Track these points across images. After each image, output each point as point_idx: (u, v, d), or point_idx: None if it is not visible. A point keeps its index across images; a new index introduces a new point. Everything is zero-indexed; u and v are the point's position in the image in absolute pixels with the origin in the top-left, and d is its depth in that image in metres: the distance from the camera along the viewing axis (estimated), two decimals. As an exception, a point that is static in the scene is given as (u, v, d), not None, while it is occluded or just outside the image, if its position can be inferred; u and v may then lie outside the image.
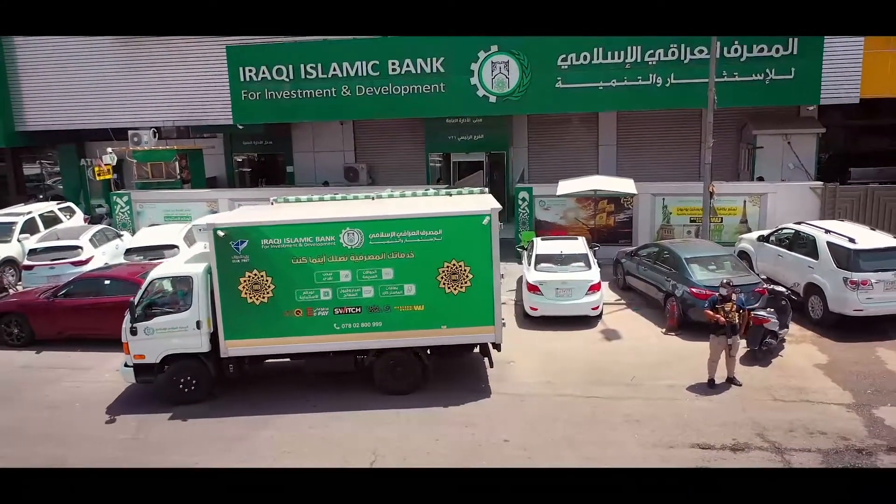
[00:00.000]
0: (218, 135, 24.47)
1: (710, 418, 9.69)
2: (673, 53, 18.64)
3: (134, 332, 10.65)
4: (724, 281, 11.09)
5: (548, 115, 21.90)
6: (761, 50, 18.26)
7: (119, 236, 18.29)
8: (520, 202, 18.58)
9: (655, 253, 14.64)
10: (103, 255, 16.80)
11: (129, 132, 21.04)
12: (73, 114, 22.17)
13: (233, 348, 10.73)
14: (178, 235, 16.41)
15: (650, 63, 18.76)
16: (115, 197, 20.32)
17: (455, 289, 10.63)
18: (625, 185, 17.00)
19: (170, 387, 10.82)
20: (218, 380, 10.98)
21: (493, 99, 19.56)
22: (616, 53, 18.86)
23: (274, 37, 20.16)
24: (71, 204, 20.77)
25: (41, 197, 26.00)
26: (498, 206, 10.82)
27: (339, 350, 10.85)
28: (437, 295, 10.64)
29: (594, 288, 13.56)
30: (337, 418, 10.24)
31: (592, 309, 13.64)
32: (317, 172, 24.36)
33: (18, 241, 17.73)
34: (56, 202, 20.56)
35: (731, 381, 10.73)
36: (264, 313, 10.60)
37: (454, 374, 11.42)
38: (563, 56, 19.05)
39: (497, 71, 19.41)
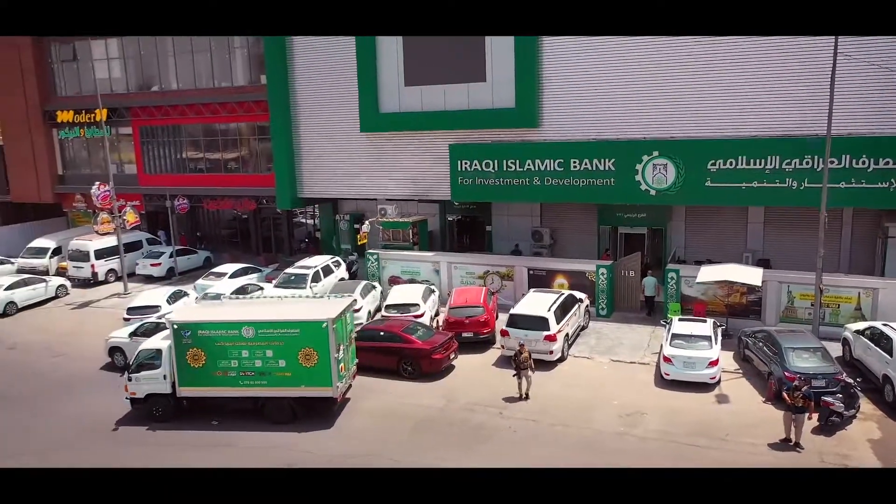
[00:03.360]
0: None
1: (770, 469, 14.64)
2: (807, 163, 22.71)
3: (130, 379, 17.86)
4: (801, 377, 15.90)
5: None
6: (887, 163, 21.83)
7: (374, 287, 26.09)
8: (669, 280, 23.68)
9: (766, 336, 19.16)
10: (369, 304, 24.65)
11: (378, 206, 29.00)
12: (339, 186, 30.70)
13: (184, 392, 17.68)
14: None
15: (786, 170, 23.03)
16: (369, 255, 28.26)
17: (308, 363, 17.01)
18: (753, 276, 21.56)
19: (148, 412, 17.98)
20: (178, 410, 17.85)
21: (653, 193, 24.88)
22: (757, 161, 23.32)
23: (487, 137, 27.06)
24: (339, 258, 29.17)
25: (307, 241, 35.18)
26: (335, 315, 16.93)
27: (243, 396, 17.59)
28: (298, 367, 17.05)
29: (713, 363, 18.57)
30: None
31: (711, 378, 18.62)
32: (509, 232, 30.94)
33: (310, 287, 26.06)
34: (329, 257, 28.95)
35: (796, 445, 15.48)
36: (201, 372, 17.39)
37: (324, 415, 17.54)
38: (713, 161, 23.88)
39: (657, 171, 24.68)
